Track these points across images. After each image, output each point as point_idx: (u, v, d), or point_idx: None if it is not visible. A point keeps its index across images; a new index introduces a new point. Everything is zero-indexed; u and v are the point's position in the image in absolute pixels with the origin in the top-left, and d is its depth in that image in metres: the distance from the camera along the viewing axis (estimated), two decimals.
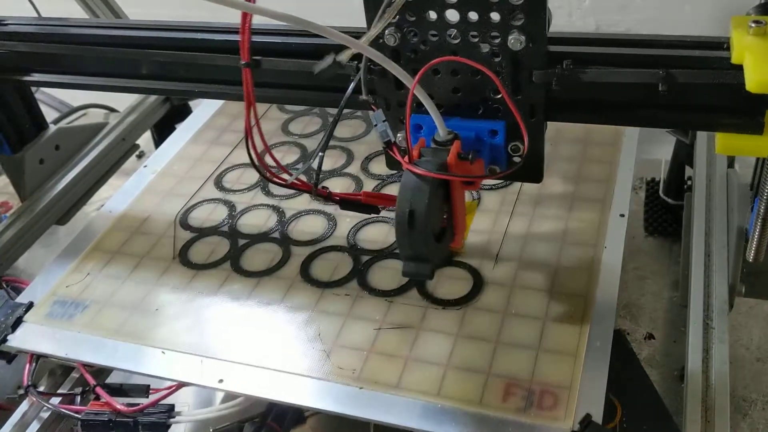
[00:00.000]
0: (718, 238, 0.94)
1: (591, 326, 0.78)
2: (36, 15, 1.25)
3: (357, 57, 0.66)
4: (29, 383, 0.84)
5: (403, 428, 0.72)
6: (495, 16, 0.65)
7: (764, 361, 1.05)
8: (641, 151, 1.04)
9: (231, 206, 1.03)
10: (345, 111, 0.82)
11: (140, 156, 1.52)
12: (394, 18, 0.66)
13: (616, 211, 0.92)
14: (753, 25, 0.61)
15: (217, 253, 0.95)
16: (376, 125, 0.69)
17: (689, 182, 1.18)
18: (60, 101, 1.62)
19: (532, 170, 0.75)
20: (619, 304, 0.82)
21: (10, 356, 0.87)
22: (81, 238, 1.01)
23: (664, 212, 1.26)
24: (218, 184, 1.08)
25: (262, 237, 0.96)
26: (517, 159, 0.74)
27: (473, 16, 0.66)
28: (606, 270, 0.85)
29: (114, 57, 0.85)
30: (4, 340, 0.86)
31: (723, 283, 0.89)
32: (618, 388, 0.76)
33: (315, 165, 0.72)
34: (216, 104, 1.26)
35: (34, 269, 1.26)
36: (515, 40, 0.66)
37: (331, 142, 1.11)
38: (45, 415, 0.84)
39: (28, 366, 0.85)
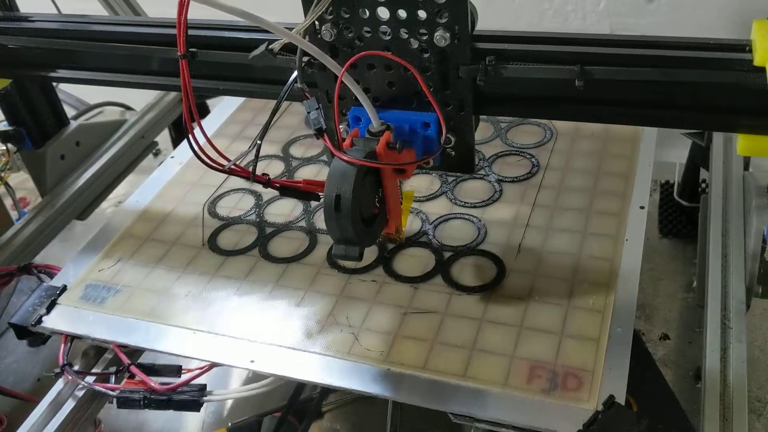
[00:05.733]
0: (735, 239, 0.95)
1: (612, 313, 0.78)
2: (56, 12, 1.25)
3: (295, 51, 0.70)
4: (65, 362, 0.84)
5: (430, 408, 0.72)
6: (422, 14, 0.68)
7: None
8: (655, 154, 1.04)
9: (257, 196, 1.04)
10: None
11: (157, 154, 1.54)
12: (329, 14, 0.70)
13: (636, 203, 0.92)
14: None
15: (245, 240, 0.96)
16: (309, 113, 0.72)
17: (704, 185, 1.21)
18: (76, 99, 1.62)
19: (463, 161, 0.78)
20: None
21: (44, 337, 0.89)
22: (109, 227, 1.01)
23: (679, 214, 1.27)
24: None
25: (289, 226, 0.97)
26: (450, 151, 0.77)
27: (402, 13, 0.69)
28: (627, 260, 0.85)
29: (135, 54, 0.86)
30: (39, 321, 0.87)
31: (740, 284, 0.89)
32: (634, 387, 0.76)
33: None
34: (233, 104, 1.26)
35: (52, 264, 1.28)
36: (441, 37, 0.68)
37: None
38: (80, 393, 0.85)
39: (62, 346, 0.85)
